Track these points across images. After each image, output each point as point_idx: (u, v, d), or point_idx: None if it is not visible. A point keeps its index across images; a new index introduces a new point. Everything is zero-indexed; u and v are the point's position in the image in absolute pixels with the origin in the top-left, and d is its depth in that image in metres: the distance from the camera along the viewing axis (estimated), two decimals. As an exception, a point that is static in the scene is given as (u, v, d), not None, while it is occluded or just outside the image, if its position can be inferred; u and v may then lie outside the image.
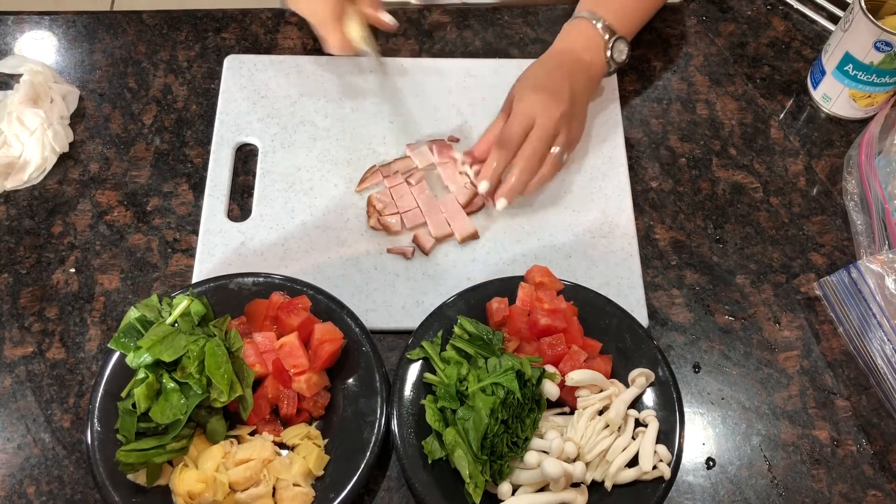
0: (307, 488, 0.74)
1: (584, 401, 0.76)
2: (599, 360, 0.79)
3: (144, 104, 0.99)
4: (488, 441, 0.71)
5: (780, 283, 0.88)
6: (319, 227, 0.90)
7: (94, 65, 1.02)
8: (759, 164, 0.95)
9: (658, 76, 1.02)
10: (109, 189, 0.93)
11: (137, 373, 0.74)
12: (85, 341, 0.84)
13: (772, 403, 0.82)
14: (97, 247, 0.89)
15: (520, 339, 0.79)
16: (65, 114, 0.97)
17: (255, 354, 0.77)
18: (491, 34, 1.04)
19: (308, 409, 0.77)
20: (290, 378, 0.76)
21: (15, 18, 1.05)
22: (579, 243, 0.89)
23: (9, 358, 0.84)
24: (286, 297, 0.79)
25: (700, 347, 0.85)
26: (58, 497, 0.78)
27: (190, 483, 0.72)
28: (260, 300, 0.80)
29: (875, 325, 0.79)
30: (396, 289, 0.86)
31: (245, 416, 0.75)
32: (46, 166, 0.94)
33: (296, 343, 0.76)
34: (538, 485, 0.73)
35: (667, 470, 0.73)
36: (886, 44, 0.87)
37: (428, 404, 0.75)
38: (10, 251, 0.89)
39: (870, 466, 0.79)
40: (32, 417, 0.81)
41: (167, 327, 0.75)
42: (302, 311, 0.78)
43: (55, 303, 0.86)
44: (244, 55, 1.01)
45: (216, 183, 0.92)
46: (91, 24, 1.05)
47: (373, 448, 0.74)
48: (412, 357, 0.78)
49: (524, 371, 0.73)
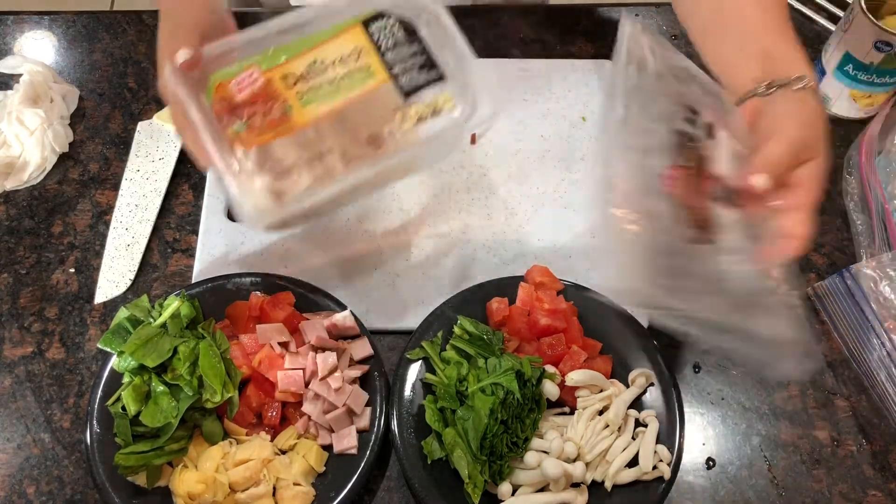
0: (307, 487, 0.74)
1: (584, 401, 0.76)
2: (599, 360, 0.79)
3: (144, 104, 0.99)
4: (488, 441, 0.71)
5: (780, 283, 0.88)
6: (319, 227, 0.90)
7: (94, 65, 1.02)
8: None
9: (658, 76, 1.02)
10: (109, 189, 0.93)
11: (124, 376, 0.74)
12: (85, 341, 0.84)
13: (772, 403, 0.82)
14: (97, 247, 0.89)
15: (520, 339, 0.79)
16: (65, 114, 0.97)
17: (241, 356, 0.77)
18: (491, 34, 1.04)
19: (296, 417, 0.77)
20: (272, 387, 0.76)
21: (15, 18, 1.05)
22: (579, 243, 0.89)
23: (9, 358, 0.84)
24: (265, 297, 0.79)
25: (700, 347, 0.85)
26: (58, 497, 0.78)
27: (190, 484, 0.72)
28: (240, 302, 0.80)
29: (869, 329, 0.79)
30: (396, 289, 0.86)
31: (231, 416, 0.75)
32: (46, 166, 0.94)
33: (273, 354, 0.77)
34: (538, 485, 0.73)
35: (667, 470, 0.73)
36: (886, 44, 0.87)
37: (428, 404, 0.75)
38: (9, 251, 0.89)
39: (870, 466, 0.79)
40: (32, 417, 0.81)
41: (152, 329, 0.75)
42: (287, 307, 0.78)
43: (55, 303, 0.86)
44: (244, 55, 1.01)
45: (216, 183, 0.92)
46: (91, 24, 1.05)
47: (373, 448, 0.74)
48: (412, 357, 0.78)
49: (524, 371, 0.73)
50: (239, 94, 0.65)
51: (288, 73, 0.66)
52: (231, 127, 0.65)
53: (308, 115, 0.66)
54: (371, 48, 0.68)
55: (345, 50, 0.67)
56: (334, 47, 0.67)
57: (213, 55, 0.66)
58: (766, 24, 0.73)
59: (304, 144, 0.66)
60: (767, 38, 0.72)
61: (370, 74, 0.67)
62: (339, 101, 0.67)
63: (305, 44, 0.67)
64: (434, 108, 0.67)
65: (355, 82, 0.67)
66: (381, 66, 0.67)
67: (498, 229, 0.90)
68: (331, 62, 0.67)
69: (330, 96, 0.66)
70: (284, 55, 0.67)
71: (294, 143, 0.66)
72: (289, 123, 0.66)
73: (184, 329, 0.77)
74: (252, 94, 0.65)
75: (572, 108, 0.98)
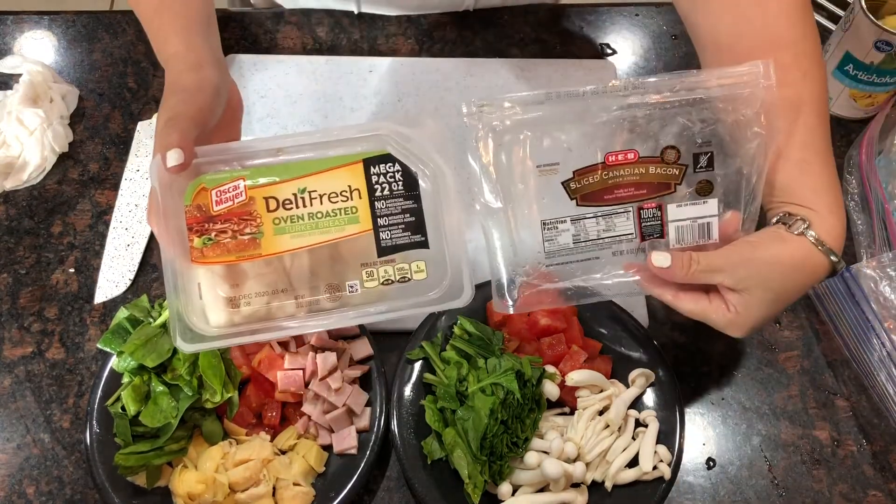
0: (307, 487, 0.74)
1: (584, 401, 0.76)
2: (599, 361, 0.79)
3: (144, 104, 0.99)
4: (487, 441, 0.71)
5: (781, 283, 0.88)
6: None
7: (94, 65, 1.02)
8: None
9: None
10: (109, 189, 0.93)
11: (123, 376, 0.74)
12: (84, 341, 0.84)
13: (772, 403, 0.82)
14: (97, 247, 0.89)
15: (520, 339, 0.79)
16: (64, 114, 0.97)
17: (241, 356, 0.77)
18: (491, 34, 1.04)
19: (296, 417, 0.77)
20: (272, 387, 0.76)
21: (15, 18, 1.05)
22: (579, 243, 0.89)
23: (8, 358, 0.84)
24: None
25: (700, 347, 0.85)
26: (57, 497, 0.77)
27: (190, 484, 0.72)
28: None
29: (869, 329, 0.79)
30: (396, 289, 0.86)
31: (230, 416, 0.75)
32: (46, 166, 0.94)
33: (273, 354, 0.77)
34: (538, 485, 0.73)
35: (667, 470, 0.73)
36: (887, 44, 0.87)
37: (428, 404, 0.75)
38: (9, 251, 0.89)
39: (870, 466, 0.79)
40: (32, 417, 0.81)
41: (152, 329, 0.75)
42: None
43: (55, 303, 0.86)
44: (244, 55, 1.01)
45: (216, 183, 0.92)
46: (91, 24, 1.04)
47: (372, 448, 0.74)
48: (412, 357, 0.78)
49: (524, 371, 0.73)
50: (216, 206, 0.63)
51: (272, 196, 0.63)
52: (197, 238, 0.62)
53: (276, 247, 0.63)
54: (365, 191, 0.64)
55: (338, 185, 0.63)
56: (329, 179, 0.64)
57: (205, 159, 0.63)
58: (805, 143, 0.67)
59: (264, 273, 0.63)
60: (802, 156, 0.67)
61: (354, 220, 0.63)
62: (313, 240, 0.63)
63: (303, 168, 0.64)
64: (404, 275, 0.64)
65: (336, 224, 0.63)
66: (368, 214, 0.64)
67: (498, 229, 0.90)
68: (319, 195, 0.63)
69: (306, 232, 0.63)
70: (277, 175, 0.63)
71: (263, 265, 0.63)
72: (255, 250, 0.63)
73: (184, 329, 0.77)
74: (230, 209, 0.63)
75: (572, 108, 0.97)
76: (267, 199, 0.63)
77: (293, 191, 0.63)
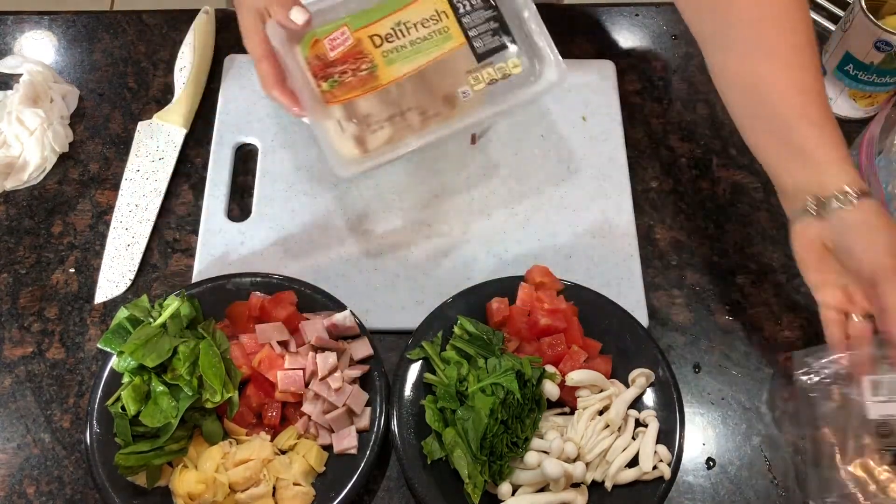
0: (307, 487, 0.74)
1: (584, 401, 0.76)
2: (599, 360, 0.79)
3: (144, 104, 0.99)
4: (488, 441, 0.71)
5: (781, 284, 0.88)
6: (319, 227, 0.90)
7: (94, 65, 1.02)
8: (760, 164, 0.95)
9: (658, 76, 1.02)
10: (109, 189, 0.93)
11: (123, 376, 0.74)
12: (84, 341, 0.84)
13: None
14: (97, 247, 0.89)
15: (520, 339, 0.79)
16: (65, 114, 0.97)
17: (241, 356, 0.77)
18: (491, 34, 1.04)
19: (296, 417, 0.77)
20: (272, 387, 0.76)
21: (15, 18, 1.05)
22: (579, 243, 0.89)
23: (8, 358, 0.84)
24: (265, 297, 0.79)
25: (700, 347, 0.85)
26: (58, 497, 0.78)
27: (190, 484, 0.72)
28: (240, 302, 0.80)
29: None
30: (396, 289, 0.86)
31: (230, 416, 0.75)
32: (46, 166, 0.94)
33: (273, 354, 0.77)
34: (538, 485, 0.73)
35: (667, 470, 0.73)
36: (886, 44, 0.87)
37: (428, 404, 0.75)
38: (9, 251, 0.89)
39: (870, 466, 0.79)
40: (32, 417, 0.81)
41: (152, 329, 0.75)
42: (288, 305, 0.78)
43: (55, 303, 0.86)
44: (244, 55, 1.01)
45: (216, 183, 0.92)
46: (91, 24, 1.05)
47: (372, 448, 0.74)
48: (412, 357, 0.78)
49: (524, 371, 0.73)
50: (332, 52, 0.73)
51: (374, 34, 0.73)
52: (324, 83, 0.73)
53: (392, 74, 0.73)
54: (450, 11, 0.74)
55: (426, 12, 0.74)
56: (417, 9, 0.74)
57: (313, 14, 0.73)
58: (806, 111, 0.71)
59: (387, 101, 0.73)
60: (808, 132, 0.71)
61: (448, 37, 0.74)
62: (420, 61, 0.74)
63: (391, 5, 0.74)
64: (504, 72, 0.75)
65: (435, 44, 0.74)
66: (459, 30, 0.74)
67: (498, 229, 0.90)
68: (413, 24, 0.74)
69: (412, 57, 0.74)
70: (372, 17, 0.73)
71: (378, 99, 0.73)
72: (375, 82, 0.73)
73: (184, 329, 0.77)
74: (344, 52, 0.73)
75: (572, 108, 0.98)
76: (371, 38, 0.74)
77: (391, 26, 0.74)
